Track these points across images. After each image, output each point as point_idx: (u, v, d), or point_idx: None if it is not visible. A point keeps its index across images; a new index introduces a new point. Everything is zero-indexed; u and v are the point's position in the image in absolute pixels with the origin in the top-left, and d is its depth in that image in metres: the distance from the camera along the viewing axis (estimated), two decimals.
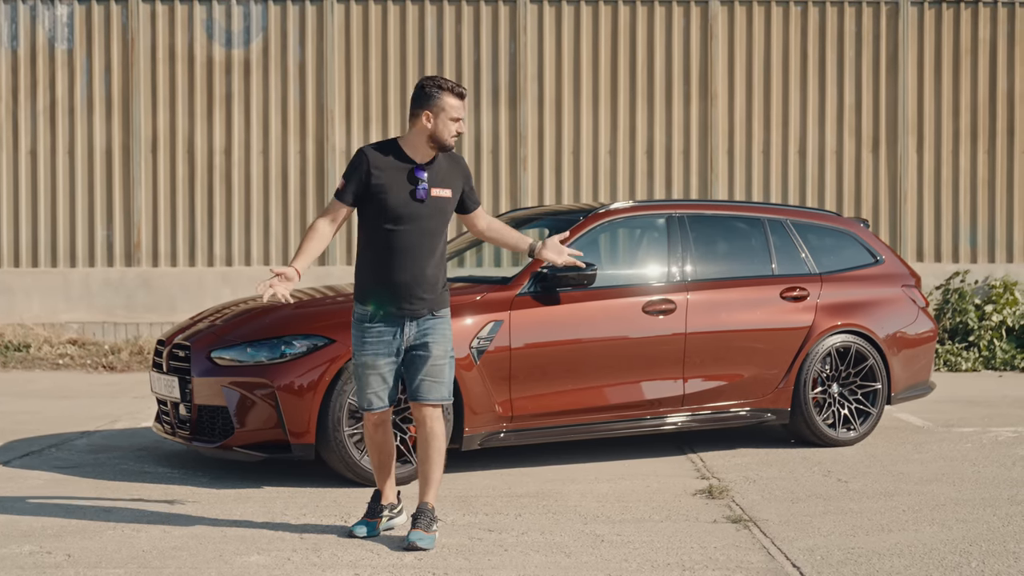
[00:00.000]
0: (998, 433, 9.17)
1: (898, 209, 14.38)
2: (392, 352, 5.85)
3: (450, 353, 5.91)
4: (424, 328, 5.84)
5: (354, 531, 6.01)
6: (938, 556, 5.70)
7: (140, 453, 8.25)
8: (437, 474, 5.91)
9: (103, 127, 14.05)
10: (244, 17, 14.12)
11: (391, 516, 6.11)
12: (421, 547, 5.73)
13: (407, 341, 5.84)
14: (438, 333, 5.85)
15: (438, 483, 5.94)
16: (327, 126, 14.10)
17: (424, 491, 5.91)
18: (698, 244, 8.40)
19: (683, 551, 5.78)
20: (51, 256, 14.05)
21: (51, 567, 5.45)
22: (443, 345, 5.85)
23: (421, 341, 5.83)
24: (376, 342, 5.84)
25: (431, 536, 5.80)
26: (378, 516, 6.07)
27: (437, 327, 5.86)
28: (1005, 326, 13.83)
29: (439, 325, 5.87)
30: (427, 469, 5.89)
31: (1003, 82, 14.50)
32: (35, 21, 14.04)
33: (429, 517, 5.84)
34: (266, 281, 5.72)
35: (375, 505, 6.10)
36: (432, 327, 5.84)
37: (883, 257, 9.21)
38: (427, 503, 5.88)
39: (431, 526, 5.83)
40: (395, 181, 5.80)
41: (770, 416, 8.43)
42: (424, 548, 5.74)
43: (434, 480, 5.90)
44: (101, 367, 12.95)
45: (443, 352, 5.85)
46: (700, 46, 14.35)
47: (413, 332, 5.83)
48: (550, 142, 14.23)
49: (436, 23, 14.21)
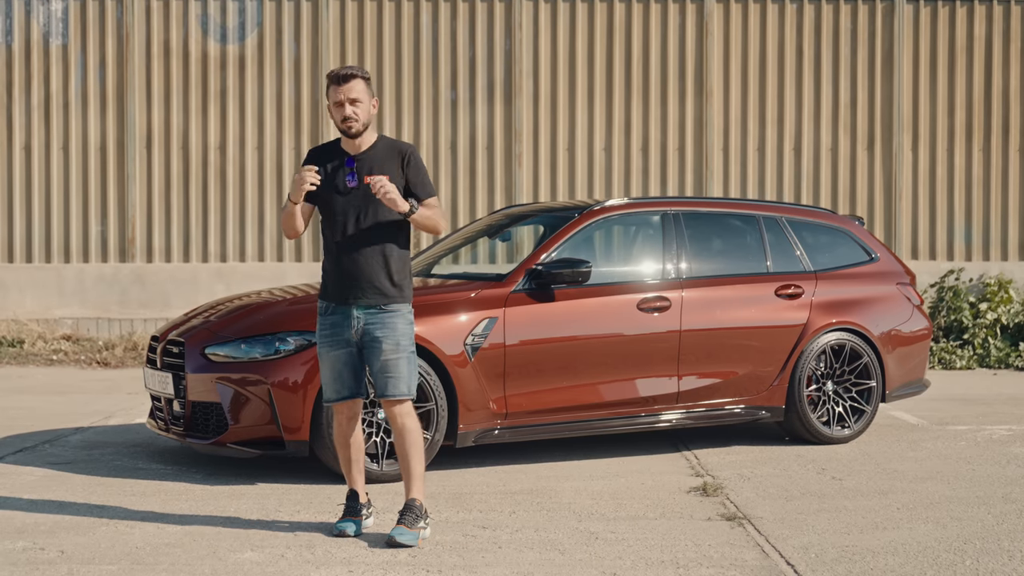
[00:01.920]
0: (992, 431, 9.18)
1: (893, 207, 14.38)
2: (342, 343, 5.85)
3: (404, 347, 5.81)
4: (373, 321, 5.80)
5: (343, 529, 5.94)
6: (932, 554, 5.71)
7: (134, 449, 8.24)
8: (418, 469, 5.86)
9: (98, 122, 14.02)
10: (239, 12, 14.10)
11: (368, 514, 6.08)
12: (401, 543, 5.67)
13: (356, 333, 5.83)
14: (387, 327, 5.79)
15: (421, 477, 5.87)
16: (321, 122, 14.08)
17: (408, 487, 5.87)
18: (693, 241, 8.40)
19: (677, 548, 5.77)
20: (45, 251, 14.02)
21: (44, 563, 5.44)
22: (393, 339, 5.78)
23: (370, 335, 5.81)
24: (328, 333, 5.89)
25: (413, 533, 5.74)
26: (359, 515, 6.01)
27: (387, 321, 5.80)
28: (999, 324, 13.84)
29: (390, 319, 5.80)
30: (406, 465, 5.86)
31: (998, 80, 14.50)
32: (29, 16, 14.01)
33: (415, 513, 5.79)
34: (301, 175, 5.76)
35: (354, 504, 6.03)
36: (381, 320, 5.80)
37: (878, 255, 9.21)
38: (413, 499, 5.84)
39: (416, 522, 5.78)
40: (331, 175, 5.89)
41: (765, 413, 8.43)
42: (405, 545, 5.68)
43: (416, 475, 5.85)
44: (95, 363, 12.93)
45: (393, 346, 5.78)
46: (695, 43, 14.34)
47: (361, 324, 5.81)
48: (545, 139, 14.23)
49: (431, 19, 14.19)
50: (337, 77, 5.80)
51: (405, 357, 5.82)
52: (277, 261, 14.07)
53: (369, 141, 5.90)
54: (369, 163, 5.85)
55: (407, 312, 5.88)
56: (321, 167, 5.89)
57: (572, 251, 7.94)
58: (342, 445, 6.03)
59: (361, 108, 5.81)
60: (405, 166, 5.86)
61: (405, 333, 5.84)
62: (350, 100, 5.78)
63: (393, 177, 5.81)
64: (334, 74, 5.82)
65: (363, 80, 5.83)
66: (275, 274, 13.74)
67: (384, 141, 5.95)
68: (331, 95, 5.83)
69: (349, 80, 5.78)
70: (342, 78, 5.79)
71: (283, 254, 14.07)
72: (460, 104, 14.18)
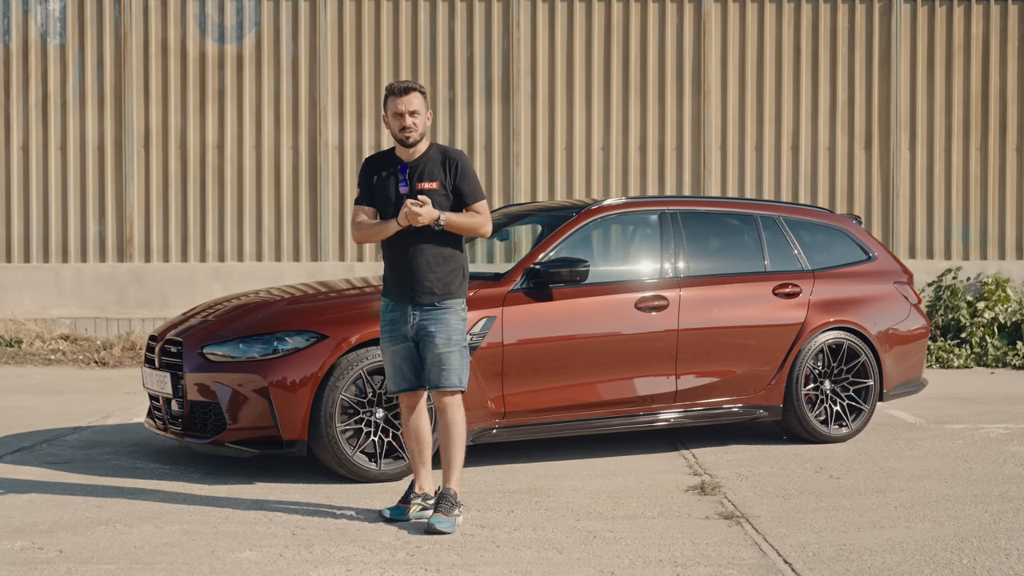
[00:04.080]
0: (990, 430, 9.19)
1: (890, 206, 14.39)
2: (401, 338, 6.17)
3: (456, 342, 6.13)
4: (427, 317, 6.11)
5: (381, 512, 6.28)
6: (930, 552, 5.71)
7: (132, 449, 8.24)
8: (458, 460, 6.18)
9: (95, 122, 14.02)
10: (237, 12, 14.10)
11: (423, 506, 6.22)
12: (440, 530, 5.94)
13: (412, 328, 6.14)
14: (440, 322, 6.10)
15: (459, 469, 6.19)
16: (320, 121, 14.08)
17: (445, 477, 6.17)
18: (691, 240, 8.40)
19: (675, 547, 5.78)
20: (43, 251, 14.02)
21: (43, 563, 5.44)
22: (445, 333, 6.10)
23: (424, 329, 6.12)
24: (389, 329, 6.22)
25: (451, 520, 6.02)
26: (408, 502, 6.24)
27: (440, 316, 6.11)
28: (997, 323, 13.85)
29: (443, 315, 6.11)
30: (448, 455, 6.18)
31: (995, 79, 14.52)
32: (27, 15, 14.00)
33: (451, 502, 6.08)
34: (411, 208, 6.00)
35: (408, 491, 6.31)
36: (435, 317, 6.11)
37: (875, 254, 9.22)
38: (449, 488, 6.14)
39: (452, 510, 6.06)
40: (386, 181, 6.22)
41: (762, 412, 8.44)
42: (443, 532, 5.95)
43: (455, 466, 6.17)
44: (93, 363, 12.93)
45: (445, 340, 6.10)
46: (693, 42, 14.35)
47: (417, 320, 6.13)
48: (543, 138, 14.23)
49: (429, 19, 14.19)
50: (397, 90, 6.12)
51: (457, 351, 6.14)
52: (275, 261, 14.07)
53: (422, 149, 6.21)
54: (420, 170, 6.16)
55: (460, 308, 6.19)
56: (377, 175, 6.24)
57: (570, 250, 7.95)
58: (406, 436, 6.34)
59: (419, 119, 6.13)
60: (452, 172, 6.15)
61: (457, 328, 6.16)
62: (409, 112, 6.10)
63: (442, 182, 6.13)
64: (394, 87, 6.13)
65: (421, 94, 6.16)
66: (273, 274, 13.74)
67: (436, 148, 6.27)
68: (390, 106, 6.13)
69: (408, 93, 6.12)
70: (401, 90, 6.12)
71: (281, 254, 14.07)
72: (458, 103, 14.18)
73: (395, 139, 6.18)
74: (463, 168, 6.17)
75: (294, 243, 14.07)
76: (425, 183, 6.11)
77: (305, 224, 14.09)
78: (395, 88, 6.13)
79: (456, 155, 6.20)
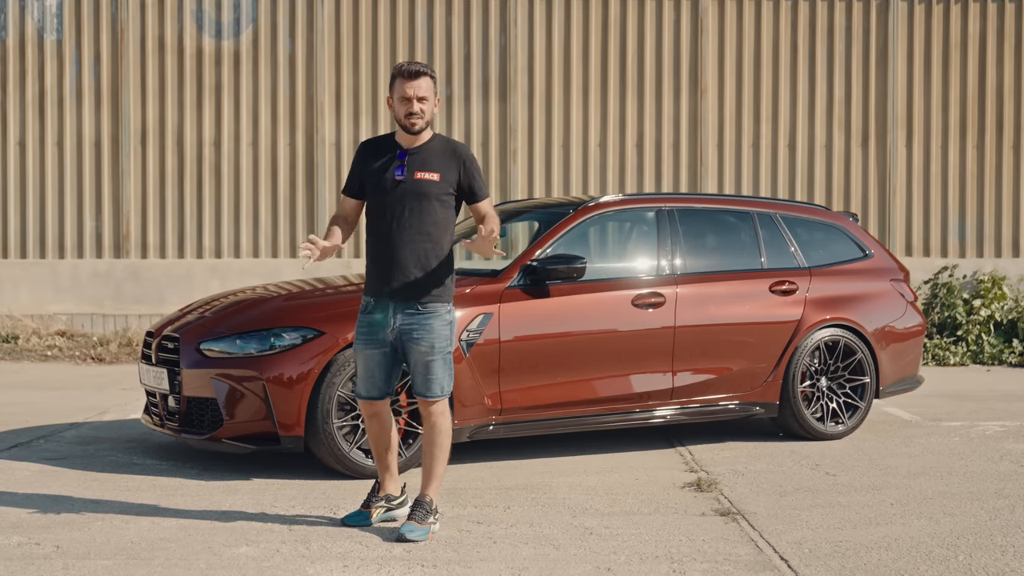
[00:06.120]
0: (985, 427, 9.20)
1: (887, 203, 14.41)
2: (377, 343, 5.86)
3: (440, 349, 5.83)
4: (410, 321, 5.81)
5: (344, 520, 6.06)
6: (926, 549, 5.72)
7: (129, 445, 8.24)
8: (439, 469, 5.92)
9: (92, 118, 14.01)
10: (234, 8, 14.09)
11: (389, 507, 6.10)
12: (410, 539, 5.71)
13: (393, 332, 5.83)
14: (424, 328, 5.80)
15: (439, 478, 5.94)
16: (316, 118, 14.08)
17: (424, 483, 5.94)
18: (687, 238, 8.41)
19: (671, 544, 5.79)
20: (39, 247, 14.01)
21: (40, 558, 5.45)
22: (429, 340, 5.79)
23: (408, 334, 5.81)
24: (365, 331, 5.90)
25: (423, 528, 5.78)
26: (370, 507, 6.08)
27: (424, 322, 5.80)
28: (993, 321, 13.87)
29: (427, 320, 5.80)
30: (427, 463, 5.93)
31: (992, 77, 14.53)
32: (24, 11, 13.99)
33: (425, 510, 5.84)
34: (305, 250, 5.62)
35: (370, 496, 6.12)
36: (419, 321, 5.80)
37: (872, 251, 9.23)
38: (425, 495, 5.89)
39: (426, 518, 5.82)
40: (381, 167, 5.88)
41: (759, 410, 8.44)
42: (413, 540, 5.72)
43: (435, 475, 5.91)
44: (89, 359, 12.93)
45: (429, 347, 5.79)
46: (690, 40, 14.35)
47: (399, 323, 5.81)
48: (540, 135, 14.23)
49: (426, 15, 14.19)
50: (407, 72, 5.74)
51: (441, 359, 5.83)
52: (272, 257, 14.07)
53: (425, 137, 5.88)
54: (421, 159, 5.84)
55: (445, 313, 5.86)
56: (373, 159, 5.90)
57: (567, 247, 7.95)
58: (372, 442, 6.07)
59: (427, 106, 5.78)
60: (463, 170, 5.86)
61: (442, 335, 5.83)
62: (418, 97, 5.74)
63: (446, 176, 5.82)
64: (403, 69, 5.75)
65: (431, 79, 5.79)
66: (270, 270, 13.75)
67: (440, 139, 5.93)
68: (397, 89, 5.76)
69: (419, 77, 5.74)
70: (412, 73, 5.73)
71: (278, 250, 14.07)
72: (455, 100, 14.18)
73: (399, 124, 5.83)
74: (475, 165, 5.91)
75: (291, 239, 14.06)
76: (425, 173, 5.79)
77: (302, 220, 14.09)
78: (405, 70, 5.73)
79: (465, 151, 5.90)
